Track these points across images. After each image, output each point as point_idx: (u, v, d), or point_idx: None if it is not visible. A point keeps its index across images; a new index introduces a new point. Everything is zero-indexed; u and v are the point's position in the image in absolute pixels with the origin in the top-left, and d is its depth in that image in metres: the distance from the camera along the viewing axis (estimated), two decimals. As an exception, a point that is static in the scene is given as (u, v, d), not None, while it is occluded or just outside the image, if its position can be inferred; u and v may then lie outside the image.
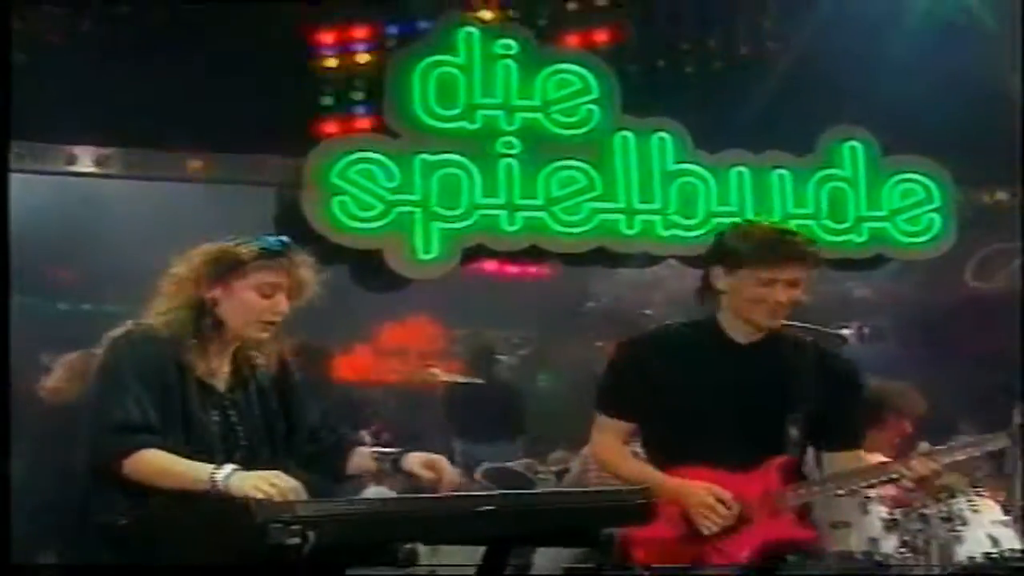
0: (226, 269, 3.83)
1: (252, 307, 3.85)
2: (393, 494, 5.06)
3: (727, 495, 4.42)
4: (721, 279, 4.51)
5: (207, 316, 3.88)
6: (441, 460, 4.09)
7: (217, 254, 3.86)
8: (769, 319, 4.52)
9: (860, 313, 9.41)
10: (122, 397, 3.77)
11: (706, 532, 4.39)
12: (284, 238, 4.08)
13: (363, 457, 4.12)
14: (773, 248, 4.58)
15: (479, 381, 9.25)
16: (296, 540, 3.33)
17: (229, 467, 3.56)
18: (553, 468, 7.50)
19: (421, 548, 3.78)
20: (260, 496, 3.43)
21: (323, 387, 8.35)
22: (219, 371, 3.92)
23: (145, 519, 3.70)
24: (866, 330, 9.19)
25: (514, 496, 4.25)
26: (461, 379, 9.25)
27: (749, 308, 4.49)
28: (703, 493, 4.40)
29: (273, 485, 3.42)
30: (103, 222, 7.96)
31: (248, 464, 3.66)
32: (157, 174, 7.54)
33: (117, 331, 3.86)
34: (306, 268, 3.93)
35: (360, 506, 3.70)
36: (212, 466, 3.59)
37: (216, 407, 3.86)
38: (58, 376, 6.47)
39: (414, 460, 3.96)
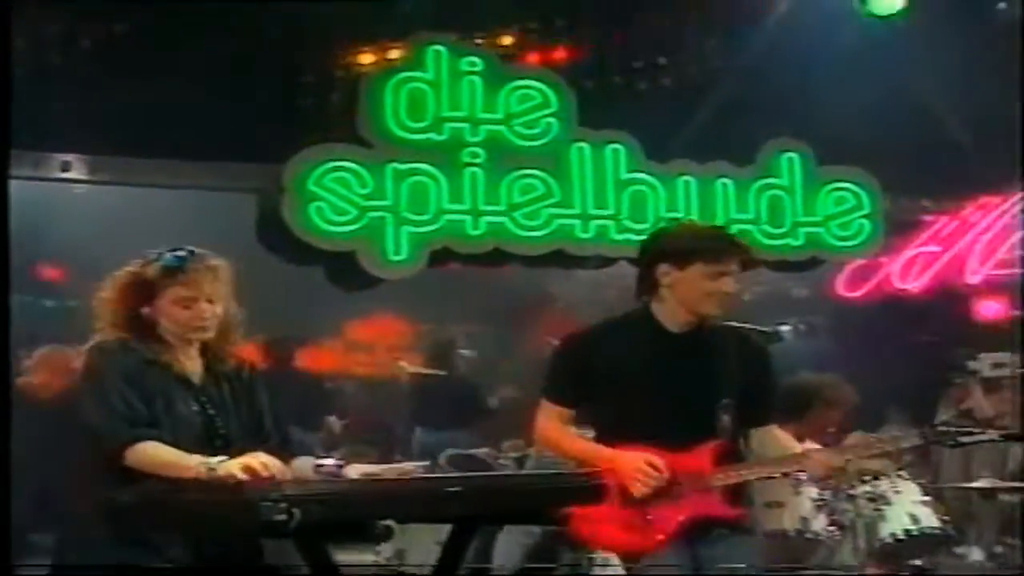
0: (142, 291, 4.01)
1: (177, 320, 4.01)
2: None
3: (658, 461, 4.64)
4: (668, 275, 4.70)
5: (151, 328, 4.04)
6: (383, 470, 4.25)
7: (130, 279, 4.04)
8: (718, 309, 4.76)
9: (797, 311, 9.58)
10: (115, 396, 3.95)
11: (637, 495, 4.62)
12: (182, 252, 4.15)
13: (303, 467, 4.21)
14: (720, 243, 4.86)
15: (442, 373, 9.44)
16: (283, 517, 3.53)
17: (220, 458, 3.73)
18: (512, 454, 7.67)
19: (395, 525, 3.97)
20: (249, 474, 3.63)
21: (296, 379, 8.64)
22: (193, 368, 4.09)
23: (144, 498, 3.89)
24: (802, 327, 9.26)
25: (479, 478, 4.69)
26: (425, 371, 9.43)
27: (699, 300, 4.69)
28: (636, 459, 4.63)
29: (263, 464, 3.62)
30: (88, 225, 8.08)
31: (228, 452, 3.83)
32: (145, 181, 7.78)
33: (92, 342, 4.07)
34: (216, 273, 4.06)
35: (342, 486, 3.97)
36: (203, 457, 3.76)
37: (195, 400, 4.06)
38: (40, 371, 6.61)
39: (354, 472, 4.07)
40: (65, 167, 7.39)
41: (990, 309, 9.04)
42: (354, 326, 9.63)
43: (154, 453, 3.86)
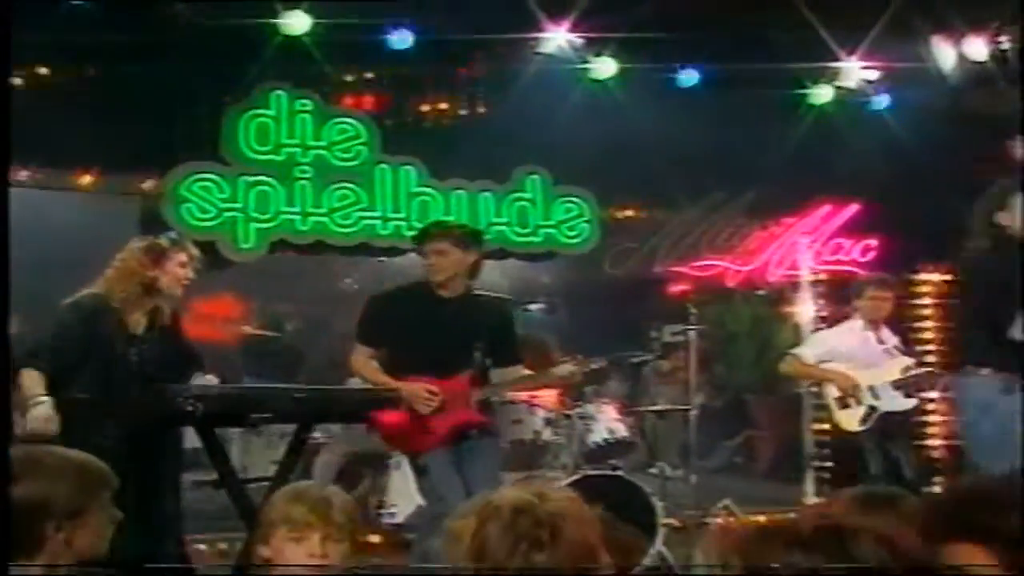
0: (156, 255, 5.30)
1: (178, 277, 5.30)
2: (216, 381, 5.77)
3: (434, 388, 5.49)
4: (421, 255, 5.71)
5: (149, 288, 5.23)
6: None
7: (148, 246, 5.34)
8: (432, 277, 5.63)
9: (543, 292, 10.01)
10: (46, 336, 5.09)
11: (422, 411, 5.49)
12: (174, 234, 5.62)
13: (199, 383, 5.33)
14: (421, 234, 5.86)
15: (275, 334, 10.12)
16: (191, 408, 4.91)
17: None
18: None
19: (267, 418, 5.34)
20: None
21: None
22: (139, 323, 5.29)
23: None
24: (545, 304, 9.39)
25: (316, 389, 5.94)
26: (262, 332, 9.97)
27: (426, 272, 5.66)
28: (419, 388, 5.51)
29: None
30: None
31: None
32: (55, 186, 8.32)
33: (73, 297, 5.23)
34: (192, 248, 5.48)
35: (229, 390, 5.49)
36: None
37: (134, 346, 5.24)
38: None
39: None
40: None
41: (673, 290, 9.75)
42: (211, 301, 9.47)
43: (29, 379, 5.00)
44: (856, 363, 7.02)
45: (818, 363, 7.13)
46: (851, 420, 7.01)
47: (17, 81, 7.25)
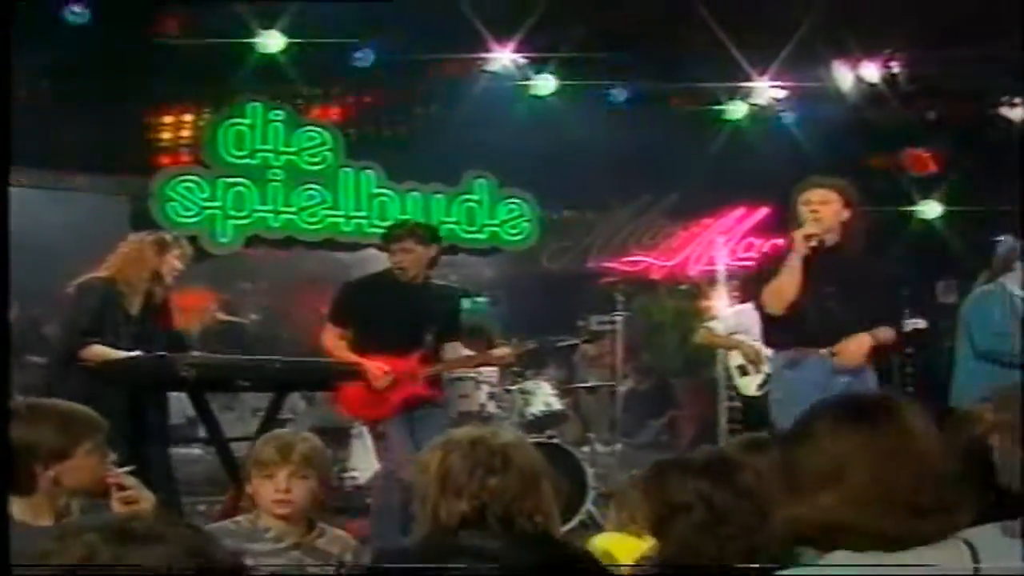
0: (161, 248, 5.79)
1: (174, 267, 5.82)
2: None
3: (387, 367, 5.85)
4: (387, 251, 6.06)
5: (152, 275, 5.71)
6: None
7: (154, 239, 5.85)
8: (397, 270, 5.98)
9: (488, 286, 10.21)
10: (82, 315, 5.48)
11: (376, 384, 5.82)
12: (174, 232, 6.15)
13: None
14: (389, 231, 6.18)
15: (245, 320, 10.52)
16: (186, 374, 5.20)
17: (136, 353, 5.17)
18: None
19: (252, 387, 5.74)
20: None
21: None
22: (136, 303, 5.72)
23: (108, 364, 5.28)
24: (490, 296, 9.70)
25: (291, 360, 6.11)
26: (233, 319, 10.36)
27: (400, 265, 6.01)
28: (374, 365, 5.86)
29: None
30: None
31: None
32: (48, 185, 8.61)
33: (82, 278, 5.66)
34: (187, 245, 6.06)
35: (218, 360, 5.89)
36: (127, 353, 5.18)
37: (132, 323, 5.67)
38: None
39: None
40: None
41: (603, 282, 9.45)
42: (190, 292, 8.83)
43: (101, 352, 5.35)
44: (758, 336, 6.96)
45: (727, 335, 7.50)
46: (750, 385, 7.41)
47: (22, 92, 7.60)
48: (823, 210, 5.06)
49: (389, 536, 5.53)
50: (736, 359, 7.58)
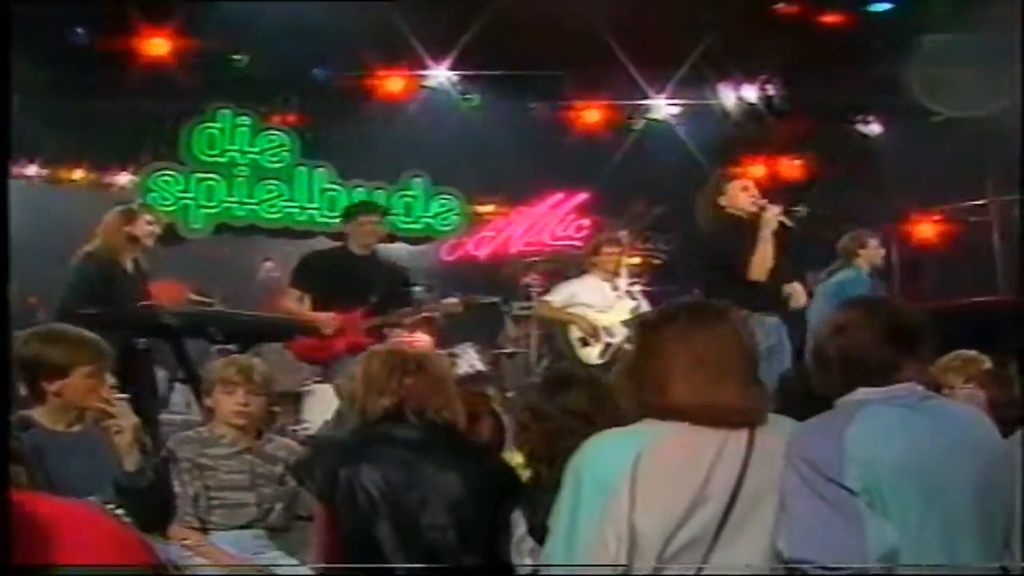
0: (131, 216, 6.21)
1: (148, 232, 6.22)
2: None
3: (334, 321, 6.32)
4: (350, 227, 6.58)
5: (130, 238, 6.12)
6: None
7: (125, 211, 6.26)
8: (365, 241, 6.55)
9: (428, 274, 9.51)
10: (84, 280, 5.95)
11: (325, 332, 6.33)
12: (140, 201, 7.12)
13: None
14: (352, 209, 6.88)
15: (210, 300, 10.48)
16: (169, 323, 5.89)
17: None
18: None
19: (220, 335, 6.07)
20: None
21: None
22: (128, 263, 6.19)
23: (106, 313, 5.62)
24: (428, 282, 8.68)
25: (256, 315, 6.65)
26: (204, 299, 9.98)
27: (360, 239, 6.56)
28: (326, 317, 6.36)
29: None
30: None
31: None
32: (45, 178, 9.64)
33: (83, 249, 6.08)
34: (155, 211, 6.80)
35: (195, 311, 6.40)
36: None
37: (127, 283, 6.12)
38: None
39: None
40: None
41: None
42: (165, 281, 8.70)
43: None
44: (595, 308, 7.43)
45: (564, 307, 7.51)
46: (591, 355, 7.41)
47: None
48: (756, 191, 6.10)
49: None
50: (575, 332, 7.50)
